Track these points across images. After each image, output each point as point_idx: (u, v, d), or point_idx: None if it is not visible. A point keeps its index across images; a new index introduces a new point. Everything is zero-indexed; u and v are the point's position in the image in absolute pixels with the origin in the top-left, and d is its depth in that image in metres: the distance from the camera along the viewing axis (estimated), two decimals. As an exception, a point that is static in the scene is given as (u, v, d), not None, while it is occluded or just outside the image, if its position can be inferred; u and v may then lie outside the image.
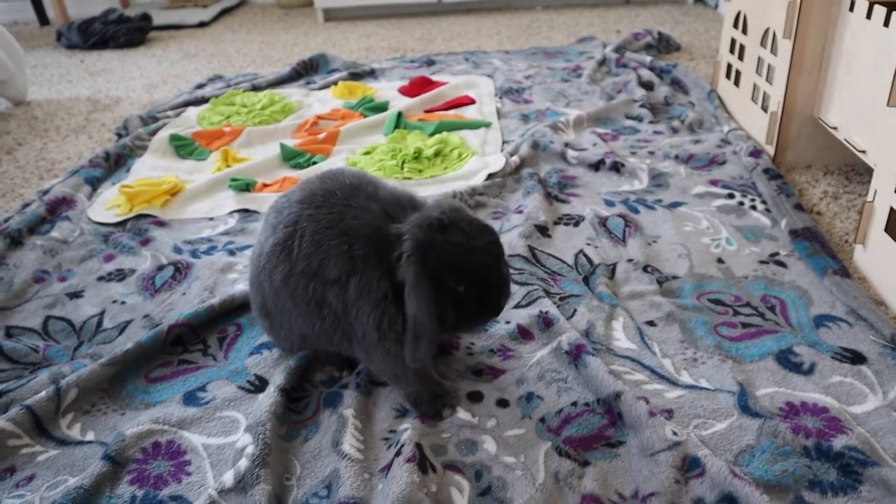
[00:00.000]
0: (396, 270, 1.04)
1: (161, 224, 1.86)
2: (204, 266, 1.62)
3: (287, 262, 1.12)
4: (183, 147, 2.32)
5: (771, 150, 2.01)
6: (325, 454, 1.09)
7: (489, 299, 1.07)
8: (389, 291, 1.05)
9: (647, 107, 2.41)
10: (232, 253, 1.69)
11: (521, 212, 1.76)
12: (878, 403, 1.14)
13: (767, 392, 1.16)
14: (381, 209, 1.10)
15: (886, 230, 1.41)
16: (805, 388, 1.17)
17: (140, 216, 1.88)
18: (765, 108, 2.07)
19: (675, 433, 1.05)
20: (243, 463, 1.04)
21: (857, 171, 1.94)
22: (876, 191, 1.45)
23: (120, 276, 1.62)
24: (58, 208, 1.93)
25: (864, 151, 1.60)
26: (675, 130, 2.26)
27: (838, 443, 1.04)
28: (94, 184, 2.09)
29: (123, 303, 1.52)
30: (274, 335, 1.27)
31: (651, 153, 2.09)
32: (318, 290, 1.09)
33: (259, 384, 1.25)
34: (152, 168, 2.19)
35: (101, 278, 1.62)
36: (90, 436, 1.17)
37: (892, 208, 1.39)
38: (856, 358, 1.23)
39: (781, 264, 1.51)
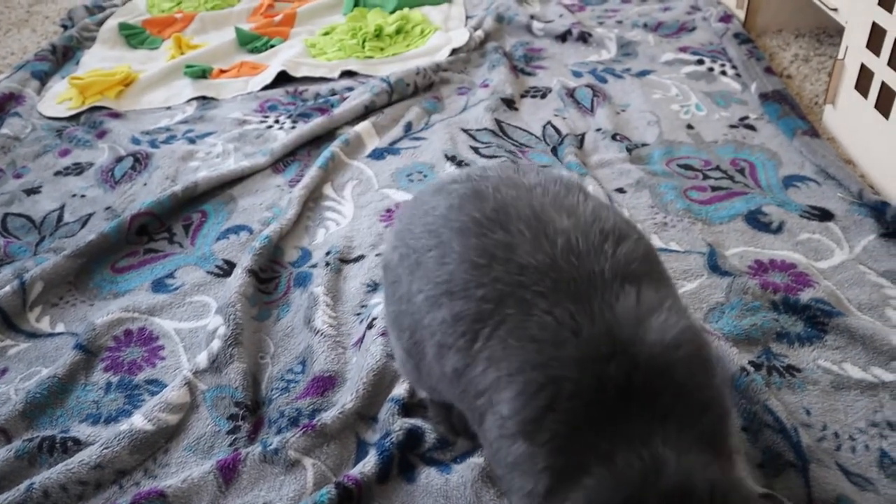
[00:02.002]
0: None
1: (116, 115, 1.79)
2: (164, 155, 1.57)
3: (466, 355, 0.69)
4: (133, 36, 2.21)
5: (741, 14, 1.95)
6: (297, 332, 1.09)
7: None
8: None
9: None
10: (192, 141, 1.64)
11: (486, 86, 1.72)
12: (845, 257, 1.15)
13: (737, 251, 1.17)
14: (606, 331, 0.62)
15: (857, 88, 1.39)
16: (774, 246, 1.18)
17: (94, 108, 1.81)
18: (736, -29, 2.00)
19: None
20: (216, 344, 1.04)
21: (828, 33, 1.90)
22: (847, 48, 1.42)
23: (77, 169, 1.57)
24: (6, 105, 1.85)
25: (835, 9, 1.56)
26: (644, -1, 2.19)
27: (805, 296, 1.06)
28: (43, 78, 2.00)
29: (83, 196, 1.48)
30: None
31: (619, 22, 2.03)
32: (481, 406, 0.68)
33: (228, 268, 1.23)
34: (103, 59, 2.09)
35: (57, 173, 1.57)
36: (60, 327, 1.16)
37: (862, 65, 1.37)
38: (824, 215, 1.24)
39: (751, 128, 1.50)
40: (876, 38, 1.31)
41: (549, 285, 0.64)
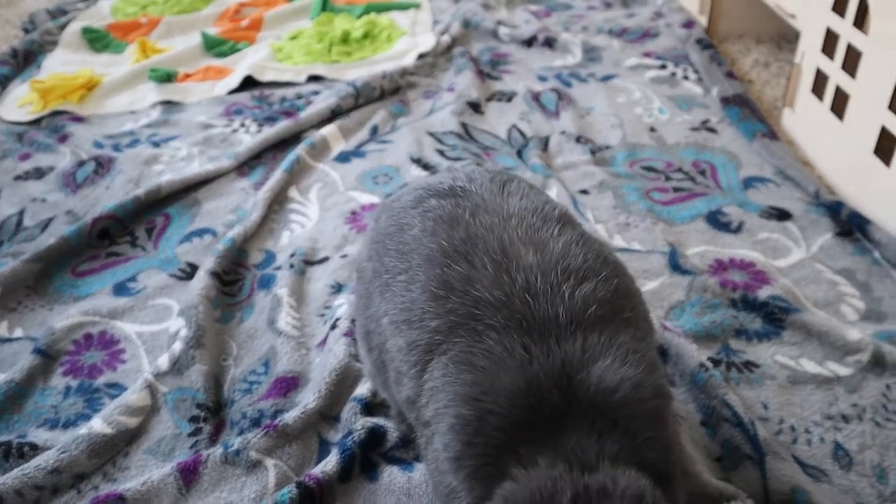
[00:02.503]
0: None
1: (79, 119, 1.76)
2: (127, 159, 1.56)
3: (416, 384, 0.70)
4: (97, 40, 2.19)
5: (704, 20, 1.99)
6: (261, 333, 1.08)
7: None
8: None
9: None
10: (156, 145, 1.63)
11: (452, 90, 1.73)
12: (802, 256, 1.17)
13: (697, 251, 1.19)
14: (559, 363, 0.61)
15: (813, 91, 1.42)
16: (733, 246, 1.20)
17: (55, 113, 1.78)
18: (698, -22, 2.03)
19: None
20: (177, 346, 1.03)
21: (787, 39, 1.94)
22: (803, 52, 1.45)
23: (38, 174, 1.55)
24: (-36, 109, 1.82)
25: (793, 16, 1.59)
26: (608, 5, 2.22)
27: (763, 293, 1.07)
28: (3, 82, 1.96)
29: (44, 200, 1.46)
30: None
31: (584, 28, 2.06)
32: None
33: (191, 271, 1.22)
34: (65, 63, 2.06)
35: (17, 177, 1.54)
36: (18, 332, 1.14)
37: (818, 69, 1.40)
38: (782, 215, 1.26)
39: (712, 130, 1.52)
40: (830, 42, 1.34)
41: (500, 321, 0.63)
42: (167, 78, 1.90)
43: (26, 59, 2.11)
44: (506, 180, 0.80)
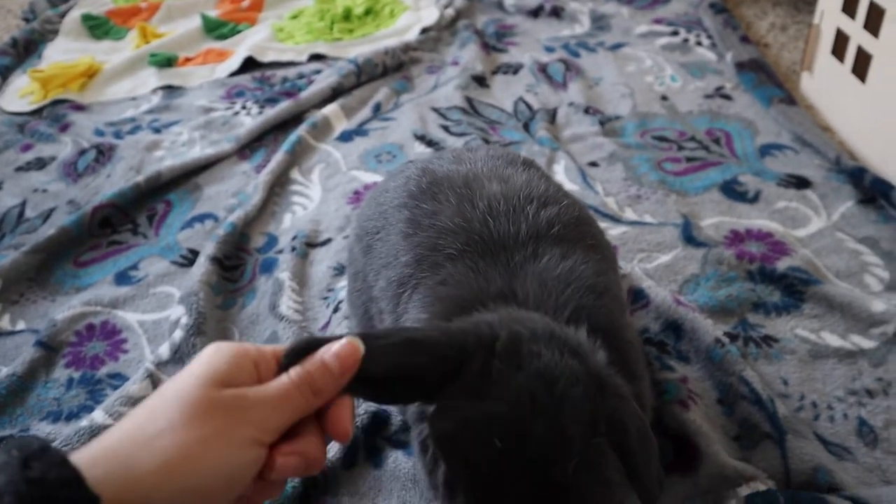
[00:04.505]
0: None
1: (80, 108, 1.74)
2: (128, 146, 1.53)
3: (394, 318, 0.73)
4: (97, 27, 2.16)
5: (717, -16, 1.92)
6: (262, 318, 1.06)
7: None
8: None
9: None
10: (157, 130, 1.60)
11: (456, 63, 1.68)
12: (822, 225, 1.13)
13: (712, 222, 1.15)
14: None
15: (833, 53, 1.36)
16: (750, 216, 1.15)
17: (57, 102, 1.76)
18: (709, -60, 1.96)
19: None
20: (178, 334, 1.01)
21: (805, 1, 1.87)
22: (822, 12, 1.40)
23: (39, 164, 1.53)
24: (-34, 101, 1.80)
25: (810, -26, 1.53)
26: (618, -28, 2.15)
27: (782, 265, 1.03)
28: (4, 73, 1.94)
29: (45, 191, 1.44)
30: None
31: (593, -4, 2.00)
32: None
33: (193, 258, 1.19)
34: (66, 52, 2.03)
35: (19, 168, 1.52)
36: (20, 325, 1.12)
37: (838, 29, 1.34)
38: (801, 183, 1.21)
39: (727, 97, 1.47)
40: (851, 1, 1.28)
41: (458, 246, 0.66)
42: (167, 62, 1.87)
43: (27, 48, 2.09)
44: (478, 145, 0.85)
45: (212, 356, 0.47)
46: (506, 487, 0.49)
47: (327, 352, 0.48)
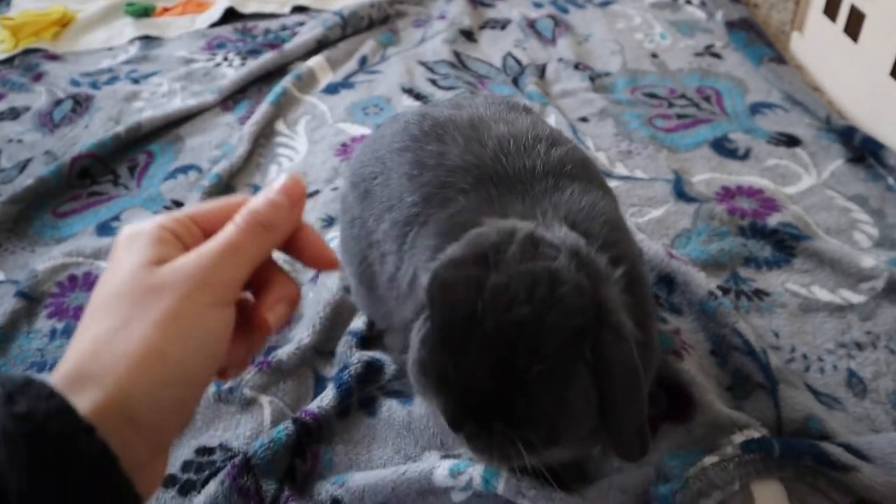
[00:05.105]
0: None
1: (53, 58, 1.69)
2: (106, 97, 1.49)
3: (398, 258, 0.74)
4: (70, -25, 2.08)
5: (706, -57, 1.90)
6: (251, 270, 1.04)
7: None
8: None
9: None
10: (136, 81, 1.56)
11: (443, 17, 1.66)
12: (813, 182, 1.13)
13: (703, 178, 1.14)
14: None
15: (825, 12, 1.36)
16: (741, 173, 1.15)
17: (28, 51, 1.70)
18: None
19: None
20: (164, 284, 0.98)
21: (793, -38, 1.86)
22: (814, -29, 1.39)
23: (13, 114, 1.48)
24: (-66, 48, 1.73)
25: (802, -67, 1.52)
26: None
27: (773, 220, 1.03)
28: (-27, 20, 1.87)
29: (20, 141, 1.39)
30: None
31: (582, -47, 1.97)
32: None
33: (176, 208, 1.17)
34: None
35: (-8, 118, 1.48)
36: (0, 276, 1.09)
37: (829, -12, 1.33)
38: (791, 141, 1.21)
39: (717, 56, 1.46)
40: (844, -42, 1.27)
41: (471, 181, 0.65)
42: (144, 12, 1.81)
43: (-4, -5, 2.02)
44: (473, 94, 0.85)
45: (129, 243, 0.41)
46: (472, 351, 0.50)
47: (270, 190, 0.44)
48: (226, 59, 1.60)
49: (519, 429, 0.51)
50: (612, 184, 1.11)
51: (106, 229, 1.15)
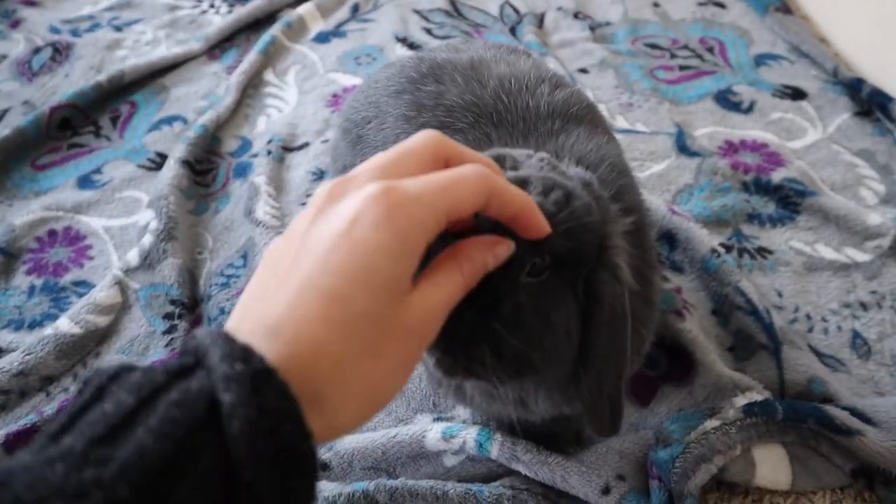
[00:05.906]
0: None
1: (31, 3, 1.62)
2: (87, 45, 1.43)
3: None
4: (49, -83, 2.00)
5: None
6: (238, 224, 1.01)
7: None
8: None
9: None
10: (118, 29, 1.49)
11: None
12: (818, 137, 1.10)
13: (706, 132, 1.11)
14: None
15: (833, -41, 1.31)
16: (745, 126, 1.11)
17: (6, -4, 1.64)
18: None
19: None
20: (147, 239, 0.95)
21: None
22: (824, -85, 1.33)
23: (-10, 62, 1.42)
24: None
25: None
26: None
27: (777, 176, 1.00)
28: (-52, -37, 1.80)
29: (-3, 90, 1.34)
30: None
31: None
32: None
33: (161, 161, 1.13)
34: (15, -58, 1.89)
35: (-33, 66, 1.42)
36: (-24, 230, 1.06)
37: (840, -67, 1.28)
38: (796, 94, 1.17)
39: (720, 5, 1.41)
40: None
41: (469, 120, 0.63)
42: (128, -44, 1.74)
43: (-27, -63, 1.93)
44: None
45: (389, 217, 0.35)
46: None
47: (490, 245, 0.41)
48: (212, 5, 1.54)
49: (493, 322, 0.44)
50: (611, 137, 1.08)
51: (87, 182, 1.11)
